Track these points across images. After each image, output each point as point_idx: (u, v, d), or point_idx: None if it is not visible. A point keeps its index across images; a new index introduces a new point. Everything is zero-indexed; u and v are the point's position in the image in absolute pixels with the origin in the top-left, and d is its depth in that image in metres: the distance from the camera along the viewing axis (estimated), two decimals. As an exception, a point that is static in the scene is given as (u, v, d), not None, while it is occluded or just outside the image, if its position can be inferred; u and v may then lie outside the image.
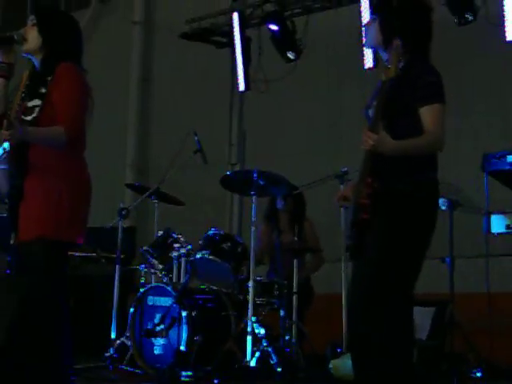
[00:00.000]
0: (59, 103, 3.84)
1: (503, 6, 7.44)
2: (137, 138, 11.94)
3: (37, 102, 3.88)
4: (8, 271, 5.71)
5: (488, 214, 5.61)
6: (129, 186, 8.67)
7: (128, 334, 6.52)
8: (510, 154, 5.62)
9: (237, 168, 10.32)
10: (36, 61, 4.01)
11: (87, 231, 4.04)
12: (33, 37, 3.98)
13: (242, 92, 9.90)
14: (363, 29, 5.23)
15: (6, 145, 4.09)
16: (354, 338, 3.78)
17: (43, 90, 3.88)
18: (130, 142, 11.97)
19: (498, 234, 5.60)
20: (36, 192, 3.85)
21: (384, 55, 3.79)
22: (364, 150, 3.57)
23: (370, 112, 3.71)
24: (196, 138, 7.03)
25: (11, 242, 3.99)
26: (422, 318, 6.13)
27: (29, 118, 3.87)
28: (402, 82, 3.63)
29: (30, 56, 4.03)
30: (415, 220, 3.61)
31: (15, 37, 3.99)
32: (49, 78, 3.90)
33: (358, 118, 3.64)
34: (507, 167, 5.62)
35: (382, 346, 3.56)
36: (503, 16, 7.42)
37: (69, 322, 3.88)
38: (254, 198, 6.47)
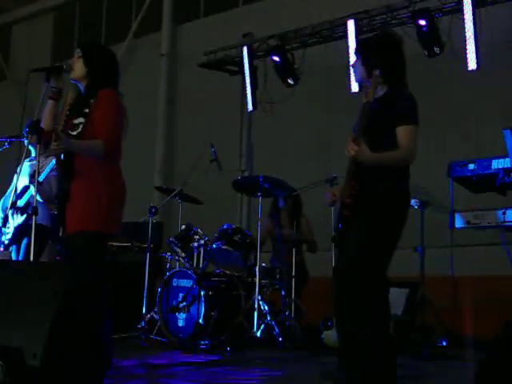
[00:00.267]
0: (99, 121, 3.83)
1: (465, 39, 7.41)
2: (164, 149, 11.96)
3: (81, 119, 3.87)
4: (58, 258, 5.76)
5: (452, 212, 5.58)
6: (157, 188, 8.66)
7: (156, 310, 6.50)
8: (470, 163, 5.61)
9: (246, 174, 10.30)
10: (81, 86, 4.00)
11: (123, 225, 4.02)
12: (79, 67, 3.97)
13: (250, 112, 9.89)
14: (351, 68, 5.19)
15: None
16: (343, 337, 3.64)
17: (86, 110, 3.87)
18: (158, 153, 11.99)
19: (460, 228, 5.57)
20: (80, 194, 3.84)
21: (368, 84, 3.76)
22: (348, 157, 3.54)
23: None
24: (213, 150, 7.01)
25: (60, 234, 3.99)
26: (398, 297, 6.09)
27: (74, 132, 3.86)
28: (384, 107, 3.59)
29: (76, 82, 4.01)
30: (395, 217, 3.60)
31: (64, 66, 3.99)
32: (91, 101, 3.88)
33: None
34: (468, 174, 5.60)
35: (366, 343, 3.44)
36: (466, 49, 7.40)
37: (110, 315, 3.71)
38: (259, 198, 6.48)
